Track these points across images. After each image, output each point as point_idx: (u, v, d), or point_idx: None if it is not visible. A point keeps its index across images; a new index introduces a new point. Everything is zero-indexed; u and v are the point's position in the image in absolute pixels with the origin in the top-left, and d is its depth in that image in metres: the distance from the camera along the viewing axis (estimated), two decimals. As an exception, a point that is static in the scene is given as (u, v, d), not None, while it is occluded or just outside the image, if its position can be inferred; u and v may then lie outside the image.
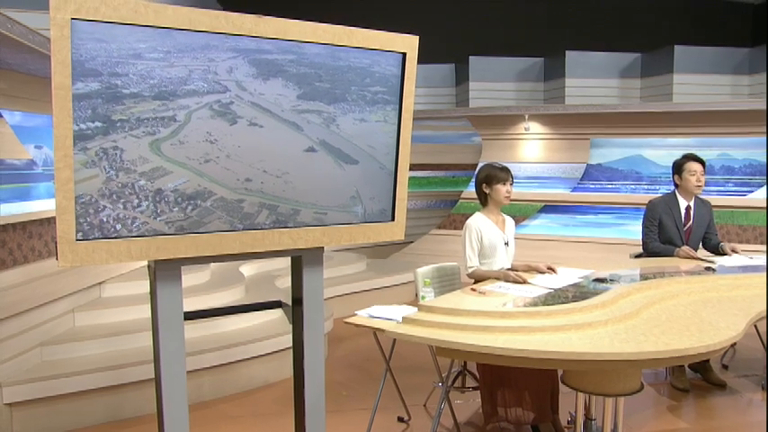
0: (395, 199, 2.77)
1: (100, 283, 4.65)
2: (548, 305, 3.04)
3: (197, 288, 5.11)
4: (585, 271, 3.87)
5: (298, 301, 2.76)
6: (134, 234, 2.21)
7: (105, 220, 2.11)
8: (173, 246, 2.30)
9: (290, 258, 2.70)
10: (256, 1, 4.39)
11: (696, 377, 4.49)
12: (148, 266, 2.47)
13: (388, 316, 3.29)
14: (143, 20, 2.07)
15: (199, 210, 2.30)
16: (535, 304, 3.07)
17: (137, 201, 2.17)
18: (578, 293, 3.28)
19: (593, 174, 8.60)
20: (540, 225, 8.60)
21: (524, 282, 3.53)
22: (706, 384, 4.41)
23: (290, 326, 2.70)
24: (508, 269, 3.79)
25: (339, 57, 2.50)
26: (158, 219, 2.22)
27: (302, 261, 2.72)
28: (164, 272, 2.39)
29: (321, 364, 2.77)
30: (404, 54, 2.65)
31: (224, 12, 2.27)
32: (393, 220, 2.78)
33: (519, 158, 8.93)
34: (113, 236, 2.17)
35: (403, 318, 2.94)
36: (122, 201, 2.14)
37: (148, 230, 2.22)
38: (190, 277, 5.23)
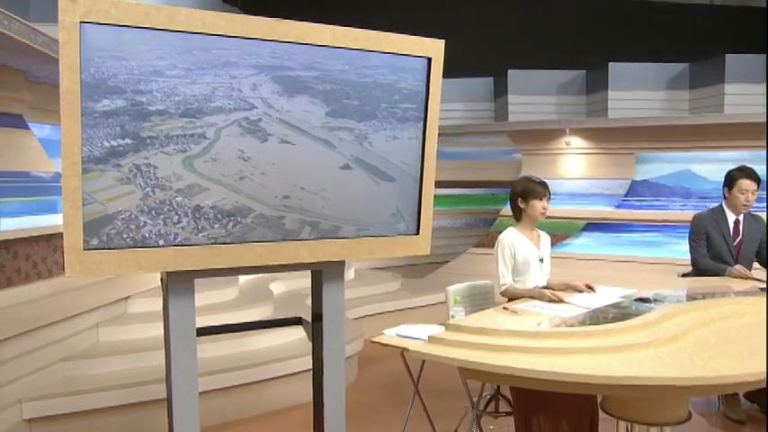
0: (420, 211, 2.68)
1: (126, 298, 4.66)
2: (585, 326, 2.90)
3: (224, 305, 5.10)
4: (627, 290, 3.70)
5: (317, 317, 2.69)
6: (149, 245, 2.17)
7: (147, 235, 2.13)
8: (185, 257, 2.25)
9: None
10: (280, 10, 4.38)
11: (753, 408, 4.22)
12: (161, 279, 2.42)
13: (415, 335, 3.18)
14: (155, 23, 2.04)
15: (240, 226, 2.30)
16: (571, 325, 2.93)
17: (176, 217, 2.18)
18: (619, 314, 3.12)
19: (638, 190, 8.35)
20: (583, 244, 8.37)
21: (560, 301, 3.38)
22: (763, 416, 4.13)
23: (319, 345, 2.63)
24: (543, 287, 3.65)
25: (364, 73, 2.45)
26: (199, 234, 2.23)
27: (322, 275, 2.65)
28: (176, 284, 2.35)
29: (341, 385, 2.68)
30: (429, 59, 2.59)
31: (239, 15, 2.22)
32: (418, 233, 2.69)
33: (560, 174, 8.76)
34: (121, 246, 2.14)
35: (429, 337, 2.83)
36: (162, 216, 2.16)
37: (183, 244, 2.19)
38: (217, 294, 5.23)
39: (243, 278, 5.83)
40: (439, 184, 10.16)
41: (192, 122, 2.15)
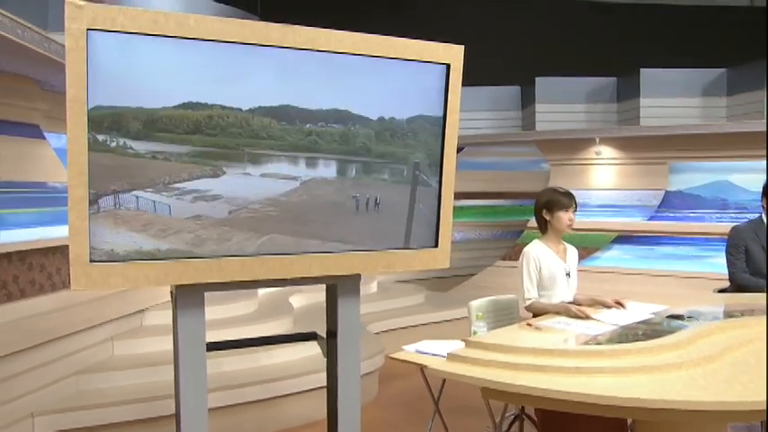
0: (438, 223, 2.63)
1: (142, 311, 4.68)
2: (613, 344, 2.82)
3: (242, 318, 5.09)
4: (659, 307, 3.59)
5: (332, 333, 2.66)
6: (157, 258, 2.16)
7: (155, 247, 2.16)
8: (194, 270, 2.23)
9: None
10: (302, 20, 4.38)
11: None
12: (170, 292, 2.40)
13: (435, 352, 3.12)
14: (163, 30, 2.03)
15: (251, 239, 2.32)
16: (599, 342, 2.86)
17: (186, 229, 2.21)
18: (650, 331, 3.03)
19: (672, 201, 8.18)
20: (613, 257, 8.21)
21: (587, 317, 3.30)
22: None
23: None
24: (569, 303, 3.56)
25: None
26: (209, 247, 2.25)
27: (337, 289, 2.61)
28: (185, 298, 2.33)
29: (357, 403, 2.63)
30: (447, 66, 2.55)
31: (250, 21, 2.21)
32: (436, 246, 2.64)
33: (590, 185, 8.65)
34: (130, 258, 2.12)
35: (448, 354, 2.77)
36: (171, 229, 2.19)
37: (176, 253, 2.17)
38: (235, 307, 5.22)
39: (262, 291, 5.81)
40: (465, 196, 10.16)
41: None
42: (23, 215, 3.71)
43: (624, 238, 8.26)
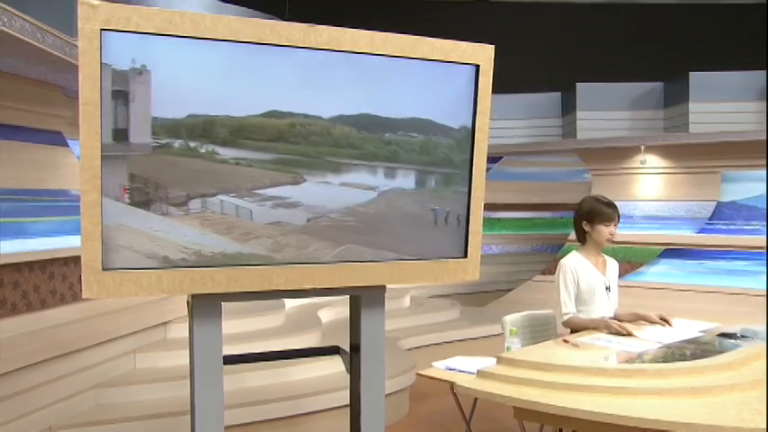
0: (467, 232, 2.57)
1: (166, 323, 4.70)
2: (658, 363, 2.76)
3: (268, 332, 5.08)
4: (708, 324, 3.50)
5: (355, 347, 2.62)
6: (168, 265, 2.15)
7: (171, 255, 2.19)
8: (210, 279, 2.22)
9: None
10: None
11: None
12: (187, 302, 2.39)
13: (466, 369, 3.08)
14: (179, 30, 2.03)
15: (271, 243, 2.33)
16: (642, 361, 2.81)
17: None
18: (698, 351, 2.96)
19: (725, 213, 7.96)
20: (660, 272, 8.02)
21: (629, 334, 3.23)
22: None
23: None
24: (610, 318, 3.47)
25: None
26: (227, 255, 2.27)
27: (361, 301, 2.57)
28: (202, 308, 2.31)
29: (381, 421, 2.58)
30: (477, 67, 2.50)
31: (269, 21, 2.19)
32: (465, 256, 2.58)
33: (634, 196, 8.49)
34: (144, 266, 2.12)
35: (478, 371, 2.73)
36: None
37: (186, 261, 2.17)
38: (262, 320, 5.22)
39: (290, 304, 5.82)
40: (503, 207, 10.04)
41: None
42: (45, 224, 3.77)
43: (672, 251, 8.08)
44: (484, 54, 2.50)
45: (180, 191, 2.15)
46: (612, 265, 3.70)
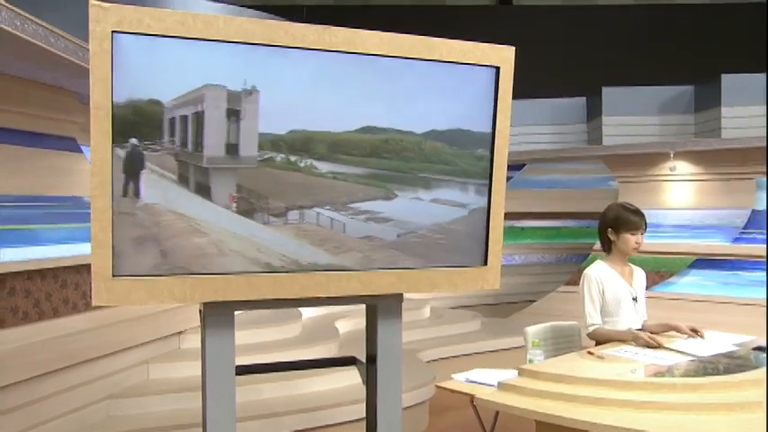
0: (488, 239, 2.55)
1: (180, 333, 4.72)
2: (689, 377, 2.72)
3: (284, 343, 5.08)
4: (744, 337, 3.43)
5: (372, 358, 2.61)
6: (181, 272, 2.16)
7: (182, 261, 2.23)
8: (223, 287, 2.22)
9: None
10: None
11: None
12: (199, 311, 2.40)
13: (487, 381, 3.05)
14: (191, 32, 2.04)
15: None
16: (672, 375, 2.76)
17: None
18: (732, 365, 2.91)
19: (760, 221, 7.82)
20: (691, 283, 7.90)
21: (659, 346, 3.17)
22: None
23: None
24: (638, 330, 3.42)
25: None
26: (239, 262, 2.30)
27: (377, 311, 2.56)
28: (214, 317, 2.31)
29: (397, 434, 2.56)
30: (497, 69, 2.49)
31: (284, 22, 2.20)
32: (485, 264, 2.56)
33: (664, 204, 8.37)
34: (155, 273, 2.13)
35: (499, 383, 2.70)
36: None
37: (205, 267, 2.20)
38: (278, 330, 5.23)
39: (306, 314, 5.82)
40: (526, 216, 9.98)
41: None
42: (58, 231, 3.81)
43: (704, 262, 7.94)
44: (504, 55, 2.49)
45: (280, 202, 2.30)
46: (639, 275, 3.64)
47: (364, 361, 2.67)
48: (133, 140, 2.06)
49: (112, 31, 1.93)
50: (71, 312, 3.83)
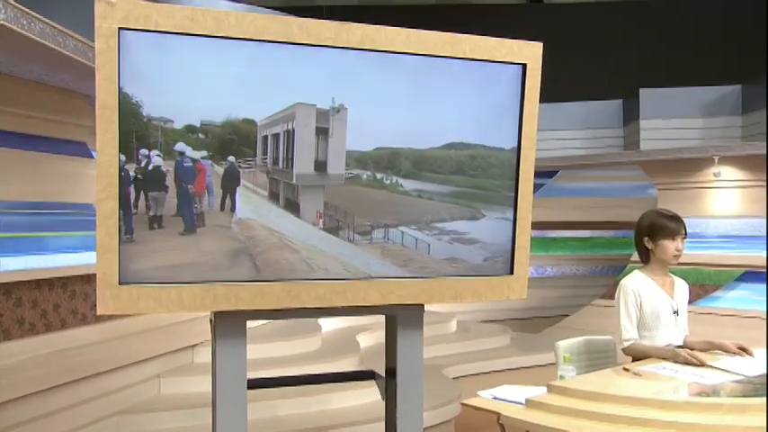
0: (514, 246, 2.53)
1: (193, 346, 4.74)
2: (735, 397, 2.67)
3: (303, 357, 5.09)
4: None
5: (391, 372, 2.60)
6: (189, 280, 2.17)
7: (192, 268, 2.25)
8: (234, 295, 2.22)
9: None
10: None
11: None
12: (210, 320, 2.40)
13: (514, 398, 3.01)
14: (201, 29, 2.05)
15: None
16: (717, 395, 2.70)
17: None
18: None
19: (813, 231, 7.65)
20: (738, 297, 7.76)
21: (702, 364, 3.09)
22: None
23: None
24: (678, 346, 3.36)
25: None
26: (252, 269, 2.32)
27: (397, 322, 2.54)
28: (225, 327, 2.31)
29: (418, 454, 2.53)
30: (523, 66, 2.47)
31: (297, 18, 2.21)
32: (512, 273, 2.54)
33: (707, 212, 8.25)
34: (164, 281, 2.13)
35: (526, 400, 2.66)
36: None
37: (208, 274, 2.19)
38: (296, 344, 5.25)
39: (326, 327, 5.82)
40: (559, 226, 9.89)
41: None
42: (67, 239, 3.86)
43: (753, 274, 7.79)
44: (531, 52, 2.48)
45: (365, 220, 2.38)
46: (682, 287, 3.58)
47: (383, 375, 2.65)
48: (231, 158, 2.19)
49: (119, 28, 1.95)
50: (80, 324, 3.87)
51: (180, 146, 2.13)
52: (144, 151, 2.09)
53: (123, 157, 2.04)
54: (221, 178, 2.18)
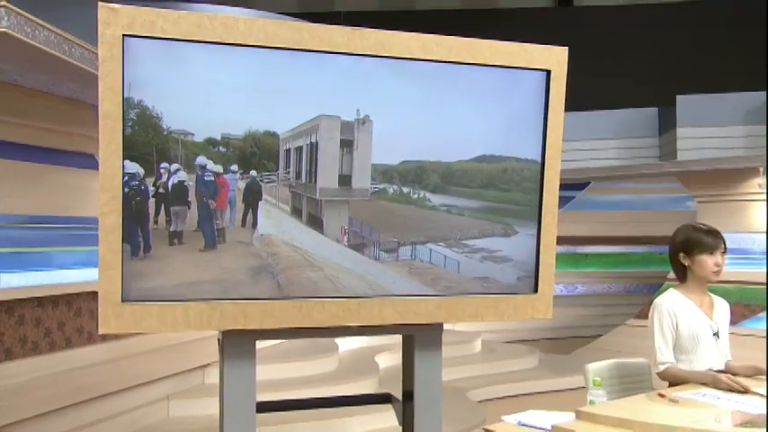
0: (538, 264, 2.50)
1: (204, 366, 4.75)
2: None
3: (318, 378, 5.09)
4: None
5: (408, 394, 2.58)
6: (194, 297, 2.17)
7: (199, 285, 2.26)
8: (242, 313, 2.22)
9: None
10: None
11: None
12: (218, 340, 2.40)
13: (540, 425, 2.97)
14: (209, 35, 2.07)
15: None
16: (762, 425, 2.57)
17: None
18: None
19: None
20: (787, 318, 7.62)
21: (746, 390, 3.01)
22: None
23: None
24: (719, 371, 3.28)
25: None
26: (261, 287, 2.32)
27: (414, 342, 2.52)
28: (233, 347, 2.31)
29: (438, 483, 2.50)
30: (548, 72, 2.46)
31: (308, 24, 2.21)
32: (536, 291, 2.51)
33: (750, 226, 8.16)
34: (168, 299, 2.14)
35: (553, 427, 2.61)
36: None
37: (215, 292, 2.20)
38: (312, 364, 5.25)
39: (344, 347, 5.81)
40: (590, 241, 9.82)
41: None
42: (72, 254, 3.87)
43: (800, 293, 7.67)
44: (555, 58, 2.46)
45: (391, 236, 2.39)
46: (722, 307, 3.50)
47: (400, 398, 2.63)
48: (253, 172, 2.21)
49: (123, 35, 1.97)
50: (85, 343, 3.88)
51: (201, 159, 2.15)
52: (165, 165, 2.11)
53: (143, 171, 2.07)
54: (242, 193, 2.20)
